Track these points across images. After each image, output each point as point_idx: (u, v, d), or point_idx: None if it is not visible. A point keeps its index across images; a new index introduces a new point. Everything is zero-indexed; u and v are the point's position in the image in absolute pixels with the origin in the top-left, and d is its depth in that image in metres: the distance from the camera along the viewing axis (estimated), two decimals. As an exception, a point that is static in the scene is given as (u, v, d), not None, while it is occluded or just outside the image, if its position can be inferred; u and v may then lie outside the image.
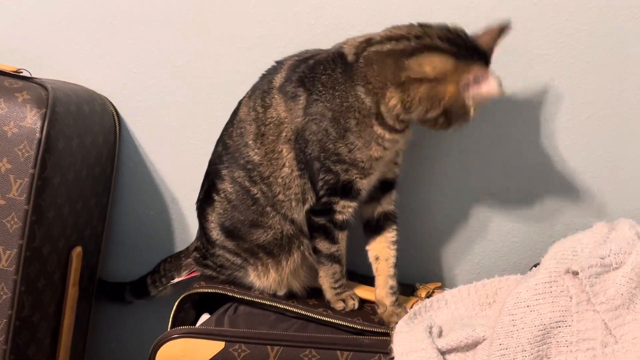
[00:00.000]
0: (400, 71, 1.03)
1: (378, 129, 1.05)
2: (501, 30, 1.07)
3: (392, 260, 1.14)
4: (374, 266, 1.15)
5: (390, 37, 1.05)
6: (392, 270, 1.14)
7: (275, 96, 1.09)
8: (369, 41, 1.06)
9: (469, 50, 1.03)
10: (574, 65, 1.20)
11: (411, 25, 1.05)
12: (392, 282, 1.13)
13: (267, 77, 1.12)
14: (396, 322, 1.06)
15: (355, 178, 1.08)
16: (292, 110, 1.08)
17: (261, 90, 1.11)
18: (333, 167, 1.07)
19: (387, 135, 1.06)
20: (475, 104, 1.02)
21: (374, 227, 1.16)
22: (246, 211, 1.13)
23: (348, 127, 1.05)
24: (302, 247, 1.14)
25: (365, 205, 1.16)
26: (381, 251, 1.15)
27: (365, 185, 1.10)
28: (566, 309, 0.96)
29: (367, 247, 1.17)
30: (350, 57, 1.06)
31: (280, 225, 1.12)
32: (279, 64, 1.13)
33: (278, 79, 1.10)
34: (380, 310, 1.13)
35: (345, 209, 1.11)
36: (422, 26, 1.05)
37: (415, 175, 1.27)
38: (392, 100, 1.04)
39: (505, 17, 1.18)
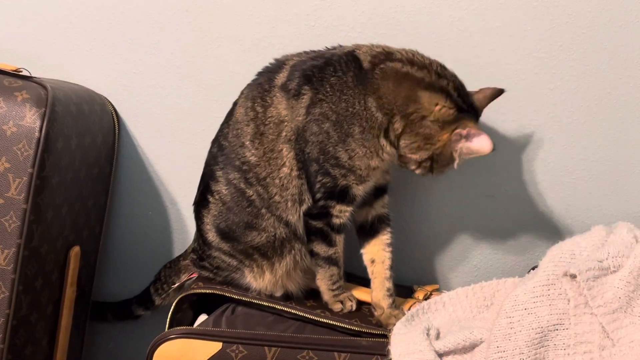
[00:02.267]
0: (410, 101, 1.05)
1: (383, 142, 1.07)
2: (495, 94, 1.11)
3: (388, 262, 1.14)
4: (369, 269, 1.15)
5: (412, 61, 1.06)
6: (388, 273, 1.13)
7: (277, 94, 1.09)
8: (388, 55, 1.07)
9: (469, 107, 1.07)
10: (573, 68, 1.20)
11: (434, 60, 1.07)
12: (389, 285, 1.13)
13: (266, 75, 1.12)
14: (394, 324, 1.06)
15: (353, 184, 1.09)
16: (293, 108, 1.08)
17: (260, 89, 1.11)
18: (331, 171, 1.07)
19: (389, 149, 1.08)
20: (460, 158, 1.06)
21: (368, 231, 1.16)
22: (241, 213, 1.13)
23: (351, 132, 1.06)
24: (293, 252, 1.14)
25: (359, 210, 1.16)
26: (376, 254, 1.15)
27: (361, 191, 1.11)
28: (564, 312, 0.96)
29: (362, 251, 1.17)
30: (365, 64, 1.06)
31: (274, 228, 1.12)
32: (280, 62, 1.12)
33: (280, 78, 1.10)
34: (377, 313, 1.13)
35: (342, 213, 1.11)
36: (442, 67, 1.07)
37: (414, 178, 1.27)
38: (397, 123, 1.06)
39: (505, 19, 1.19)
